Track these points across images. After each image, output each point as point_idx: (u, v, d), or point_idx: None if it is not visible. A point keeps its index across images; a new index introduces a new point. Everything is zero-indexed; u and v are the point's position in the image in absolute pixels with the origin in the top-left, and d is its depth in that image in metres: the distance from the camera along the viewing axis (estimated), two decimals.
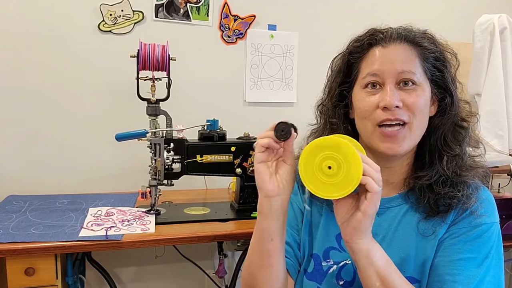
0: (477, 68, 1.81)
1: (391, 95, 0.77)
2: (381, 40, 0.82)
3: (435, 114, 0.84)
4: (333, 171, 0.68)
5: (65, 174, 1.79)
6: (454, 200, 0.78)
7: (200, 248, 1.89)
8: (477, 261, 0.75)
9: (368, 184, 0.67)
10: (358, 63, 0.85)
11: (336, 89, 0.88)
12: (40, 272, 1.20)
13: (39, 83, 1.73)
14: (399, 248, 0.81)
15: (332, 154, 0.68)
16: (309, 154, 0.70)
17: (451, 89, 0.82)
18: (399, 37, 0.81)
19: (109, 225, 1.30)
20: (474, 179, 0.81)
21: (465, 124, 0.84)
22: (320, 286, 0.86)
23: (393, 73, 0.79)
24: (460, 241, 0.77)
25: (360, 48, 0.84)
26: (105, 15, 1.76)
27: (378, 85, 0.81)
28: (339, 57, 0.89)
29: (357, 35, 0.87)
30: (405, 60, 0.79)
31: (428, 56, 0.81)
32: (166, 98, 1.42)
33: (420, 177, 0.82)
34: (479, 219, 0.78)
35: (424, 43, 0.81)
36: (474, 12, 1.98)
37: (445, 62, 0.83)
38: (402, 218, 0.83)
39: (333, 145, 0.68)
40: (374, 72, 0.80)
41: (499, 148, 1.72)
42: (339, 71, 0.88)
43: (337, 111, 0.89)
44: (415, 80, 0.79)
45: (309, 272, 0.88)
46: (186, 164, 1.41)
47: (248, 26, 1.94)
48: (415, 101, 0.78)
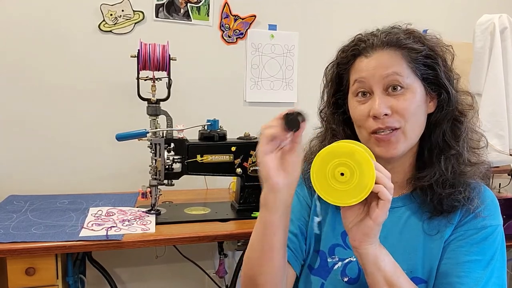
0: (478, 68, 1.81)
1: (379, 104, 0.77)
2: (363, 50, 0.82)
3: (434, 110, 0.83)
4: (346, 178, 0.68)
5: (65, 174, 1.79)
6: (456, 203, 0.79)
7: (201, 248, 1.89)
8: (483, 263, 0.76)
9: (381, 192, 0.67)
10: (346, 73, 0.86)
11: (331, 97, 0.90)
12: (40, 272, 1.20)
13: (39, 83, 1.73)
14: (405, 249, 0.81)
15: (345, 161, 0.68)
16: (322, 160, 0.69)
17: (445, 85, 0.81)
18: (382, 44, 0.80)
19: (110, 225, 1.30)
20: (474, 177, 0.81)
21: (463, 119, 0.83)
22: (324, 282, 0.86)
23: (378, 79, 0.79)
24: (467, 243, 0.78)
25: (346, 59, 0.85)
26: (105, 15, 1.76)
27: (368, 93, 0.81)
28: (330, 67, 0.90)
29: (343, 45, 0.87)
30: (389, 66, 0.79)
31: (416, 56, 0.79)
32: (166, 98, 1.42)
33: (420, 178, 0.82)
34: (485, 221, 0.78)
35: (409, 44, 0.80)
36: (475, 12, 1.98)
37: (436, 59, 0.81)
38: (408, 218, 0.83)
39: (347, 152, 0.68)
40: (360, 79, 0.81)
41: (500, 148, 1.72)
42: (331, 81, 0.90)
43: (335, 117, 0.90)
44: (403, 83, 0.78)
45: (315, 268, 0.89)
46: (186, 164, 1.41)
47: (248, 26, 1.94)
48: (404, 106, 0.78)
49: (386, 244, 0.75)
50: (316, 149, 0.92)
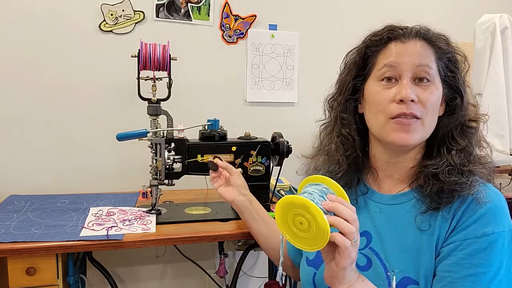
0: (478, 68, 1.81)
1: (408, 88, 0.78)
2: (400, 35, 0.83)
3: (443, 114, 0.85)
4: (304, 227, 0.70)
5: (66, 174, 1.79)
6: (457, 187, 0.77)
7: (201, 248, 1.89)
8: (489, 275, 0.72)
9: (337, 240, 0.67)
10: (375, 56, 0.85)
11: (350, 82, 0.89)
12: (41, 272, 1.20)
13: (40, 83, 1.73)
14: (398, 247, 0.81)
15: (300, 211, 0.70)
16: (283, 208, 0.73)
17: (461, 90, 0.83)
18: (418, 34, 0.83)
19: (110, 224, 1.30)
20: (480, 173, 0.81)
21: (474, 124, 0.85)
22: (316, 272, 0.89)
23: (410, 66, 0.80)
24: (469, 254, 0.74)
25: (379, 42, 0.85)
26: (106, 15, 1.76)
27: (394, 79, 0.82)
28: (355, 51, 0.90)
29: (375, 30, 0.88)
30: (422, 55, 0.81)
31: (442, 57, 0.83)
32: (167, 98, 1.42)
33: (427, 165, 0.82)
34: (486, 229, 0.74)
35: (440, 43, 0.83)
36: (475, 12, 1.98)
37: (457, 64, 0.84)
38: (403, 216, 0.83)
39: (300, 204, 0.69)
40: (391, 63, 0.81)
41: (500, 147, 1.72)
42: (354, 63, 0.89)
43: (348, 105, 0.90)
44: (430, 76, 0.80)
45: (310, 259, 0.92)
46: (187, 163, 1.41)
47: (249, 26, 1.94)
48: (429, 97, 0.79)
49: (380, 242, 0.75)
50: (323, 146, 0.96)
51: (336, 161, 0.90)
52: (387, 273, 0.80)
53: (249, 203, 1.20)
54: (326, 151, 0.93)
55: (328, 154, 0.92)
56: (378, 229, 0.71)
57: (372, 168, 0.92)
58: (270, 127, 1.65)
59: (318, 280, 0.89)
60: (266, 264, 1.79)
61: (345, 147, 0.90)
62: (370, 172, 0.93)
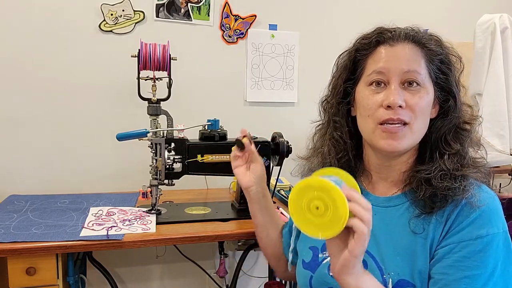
0: (478, 68, 1.81)
1: (395, 94, 0.78)
2: (389, 38, 0.82)
3: (436, 116, 0.84)
4: (320, 212, 0.68)
5: (66, 173, 1.79)
6: (450, 192, 0.76)
7: (201, 248, 1.89)
8: (483, 277, 0.72)
9: (354, 226, 0.67)
10: (364, 60, 0.85)
11: (341, 85, 0.88)
12: (41, 272, 1.20)
13: (40, 83, 1.73)
14: (394, 250, 0.81)
15: (319, 195, 0.68)
16: (298, 192, 0.71)
17: (454, 92, 0.82)
18: (407, 37, 0.82)
19: (110, 224, 1.30)
20: (475, 176, 0.80)
21: (467, 127, 0.84)
22: (313, 275, 0.89)
23: (398, 72, 0.79)
24: (464, 257, 0.73)
25: (368, 45, 0.84)
26: (106, 15, 1.76)
27: (382, 84, 0.81)
28: (345, 54, 0.90)
29: (365, 33, 0.87)
30: (411, 60, 0.80)
31: (434, 59, 0.81)
32: (167, 98, 1.42)
33: (419, 171, 0.81)
34: (481, 231, 0.74)
35: (431, 45, 0.81)
36: (475, 11, 1.98)
37: (450, 65, 0.83)
38: (398, 218, 0.83)
39: (321, 187, 0.68)
40: (380, 70, 0.81)
41: (500, 148, 1.72)
42: (344, 67, 0.89)
43: (340, 108, 0.90)
44: (420, 81, 0.79)
45: (306, 262, 0.92)
46: (187, 164, 1.41)
47: (249, 26, 1.94)
48: (417, 102, 0.79)
49: (375, 244, 0.75)
50: (316, 148, 0.96)
51: (328, 163, 0.90)
52: (383, 276, 0.79)
53: (262, 196, 1.12)
54: (320, 153, 0.93)
55: (321, 156, 0.93)
56: (373, 231, 0.71)
57: (366, 170, 0.92)
58: (270, 127, 1.65)
59: (315, 283, 0.89)
60: (266, 264, 1.79)
61: (336, 150, 0.90)
62: (365, 174, 0.92)
